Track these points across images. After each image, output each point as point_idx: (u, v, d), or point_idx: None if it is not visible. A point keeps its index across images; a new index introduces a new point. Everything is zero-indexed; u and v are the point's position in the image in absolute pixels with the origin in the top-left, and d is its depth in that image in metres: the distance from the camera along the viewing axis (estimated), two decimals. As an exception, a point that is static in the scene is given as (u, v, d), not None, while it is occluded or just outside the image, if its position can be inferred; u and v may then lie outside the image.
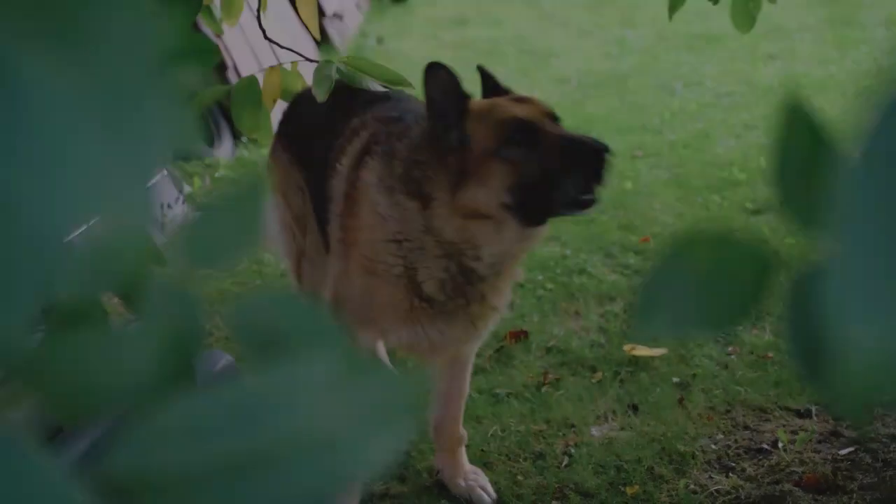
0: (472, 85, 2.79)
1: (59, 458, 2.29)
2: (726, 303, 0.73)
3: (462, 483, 3.17)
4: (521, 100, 2.71)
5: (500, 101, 2.70)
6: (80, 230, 0.50)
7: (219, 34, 2.91)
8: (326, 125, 3.13)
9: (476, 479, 3.18)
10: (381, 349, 3.18)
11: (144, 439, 0.49)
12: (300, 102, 3.31)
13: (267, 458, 0.50)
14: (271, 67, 2.66)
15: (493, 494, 3.15)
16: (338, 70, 2.45)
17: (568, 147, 2.52)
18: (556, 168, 2.51)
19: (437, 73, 2.62)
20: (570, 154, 2.51)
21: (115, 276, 0.60)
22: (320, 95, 2.44)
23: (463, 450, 3.22)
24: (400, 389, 0.56)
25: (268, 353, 0.62)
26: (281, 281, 4.72)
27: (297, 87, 2.74)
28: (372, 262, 2.75)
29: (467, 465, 3.22)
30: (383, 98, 3.07)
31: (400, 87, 2.60)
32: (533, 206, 2.55)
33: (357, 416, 0.54)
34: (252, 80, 2.52)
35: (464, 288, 2.72)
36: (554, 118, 2.66)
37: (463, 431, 3.22)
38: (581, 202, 2.54)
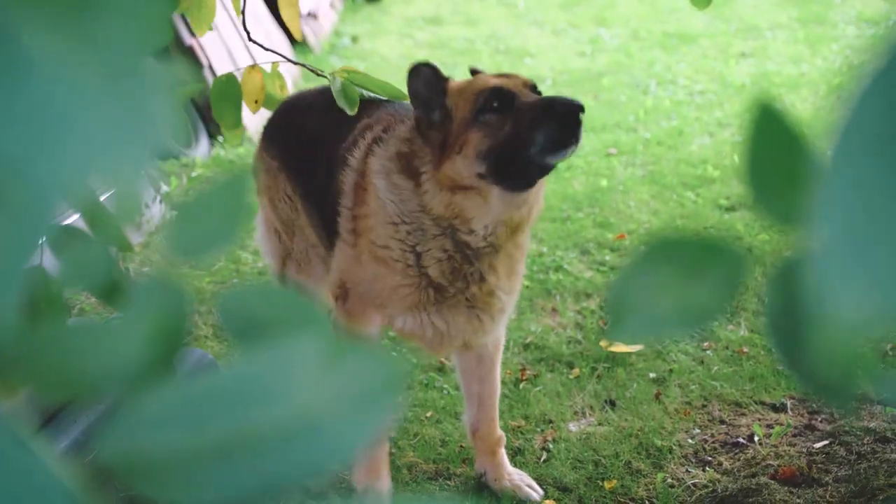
0: (448, 83, 2.83)
1: (53, 444, 2.29)
2: (699, 301, 0.73)
3: (507, 483, 3.17)
4: (502, 75, 2.78)
5: (480, 76, 2.81)
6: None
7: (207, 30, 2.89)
8: (329, 133, 3.16)
9: (521, 478, 3.19)
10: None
11: (133, 424, 0.49)
12: (292, 111, 3.34)
13: (254, 441, 0.50)
14: (250, 67, 2.65)
15: (541, 491, 3.16)
16: (344, 83, 2.50)
17: (540, 106, 2.57)
18: (529, 125, 2.55)
19: (420, 71, 2.71)
20: (542, 112, 2.56)
21: (92, 268, 0.61)
22: (349, 109, 2.52)
23: (503, 451, 3.23)
24: (385, 369, 0.57)
25: (255, 341, 0.63)
26: (259, 279, 4.72)
27: (278, 90, 2.73)
28: (378, 248, 2.81)
29: (509, 466, 3.23)
30: (387, 103, 3.11)
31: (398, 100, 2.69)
32: (509, 168, 2.60)
33: (342, 397, 0.55)
34: (230, 77, 2.52)
35: (462, 268, 2.76)
36: (534, 89, 2.71)
37: (500, 432, 3.23)
38: (557, 146, 2.56)
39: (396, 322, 2.91)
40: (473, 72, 3.02)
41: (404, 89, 2.69)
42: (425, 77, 2.71)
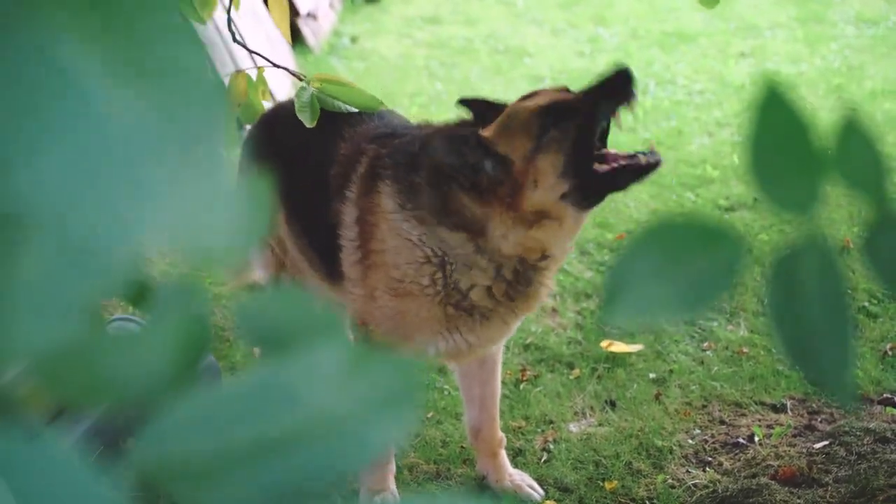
0: (447, 83, 2.82)
1: (64, 438, 2.30)
2: (695, 286, 0.73)
3: (509, 484, 3.18)
4: (529, 96, 2.72)
5: (511, 108, 2.68)
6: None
7: (202, 23, 2.89)
8: (311, 146, 3.07)
9: (522, 478, 3.20)
10: None
11: (167, 432, 0.51)
12: (274, 123, 3.24)
13: (283, 444, 0.52)
14: (238, 71, 2.66)
15: (542, 492, 3.17)
16: (314, 97, 2.45)
17: (592, 95, 2.57)
18: (591, 118, 2.56)
19: (434, 147, 2.61)
20: (597, 99, 2.56)
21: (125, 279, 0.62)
22: (308, 121, 2.44)
23: (504, 452, 3.24)
24: (403, 375, 0.59)
25: (275, 347, 0.64)
26: (273, 285, 4.72)
27: (259, 99, 2.71)
28: (402, 284, 2.73)
29: (510, 467, 3.24)
30: (363, 114, 3.04)
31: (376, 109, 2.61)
32: (588, 178, 2.58)
33: (363, 402, 0.57)
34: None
35: (515, 288, 2.72)
36: (568, 91, 2.69)
37: (501, 434, 3.23)
38: (617, 105, 2.59)
39: (430, 349, 2.85)
40: (468, 103, 2.90)
41: (402, 88, 2.66)
42: (444, 150, 2.59)
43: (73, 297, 0.46)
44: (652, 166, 2.63)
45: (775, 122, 0.69)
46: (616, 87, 2.58)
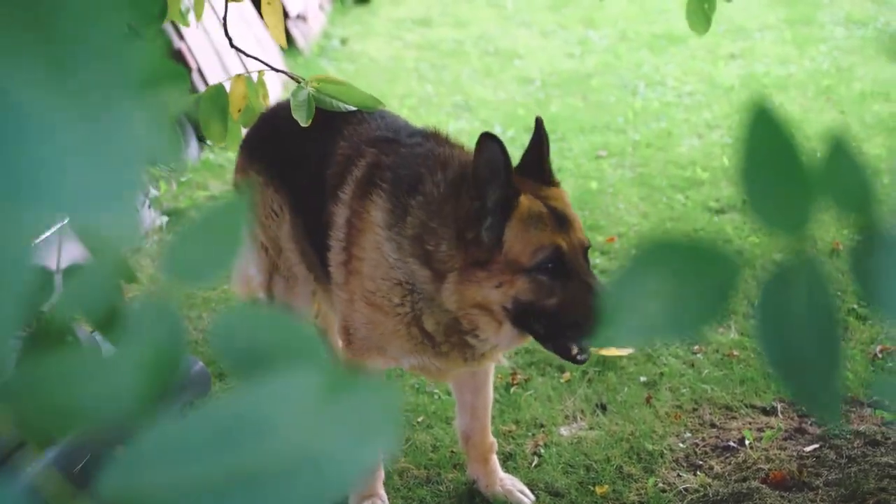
0: (437, 85, 2.81)
1: (28, 467, 2.28)
2: (693, 305, 0.73)
3: (499, 489, 3.17)
4: (564, 220, 2.65)
5: (545, 214, 2.62)
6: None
7: (186, 25, 2.87)
8: (311, 146, 3.08)
9: (513, 483, 3.19)
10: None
11: (132, 461, 0.49)
12: (274, 123, 3.23)
13: (253, 477, 0.50)
14: (238, 76, 2.65)
15: (532, 497, 3.17)
16: (311, 98, 2.44)
17: (586, 296, 2.55)
18: (571, 310, 2.56)
19: (488, 147, 2.54)
20: (585, 303, 2.54)
21: (92, 296, 0.60)
22: (303, 121, 2.43)
23: (495, 457, 3.23)
24: (381, 403, 0.57)
25: (250, 369, 0.63)
26: (250, 301, 4.70)
27: (259, 102, 2.70)
28: (374, 296, 2.77)
29: (501, 472, 3.23)
30: (365, 113, 3.04)
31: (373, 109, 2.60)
32: (533, 325, 2.62)
33: (339, 431, 0.55)
34: (219, 88, 2.51)
35: (454, 339, 2.76)
36: (586, 251, 2.67)
37: (492, 439, 3.23)
38: (572, 357, 2.68)
39: (402, 362, 2.92)
40: (537, 123, 2.81)
41: (392, 90, 2.65)
42: (492, 160, 2.54)
43: None
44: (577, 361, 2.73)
45: (765, 143, 0.69)
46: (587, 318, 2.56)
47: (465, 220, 2.58)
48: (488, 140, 2.52)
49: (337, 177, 2.94)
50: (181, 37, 6.40)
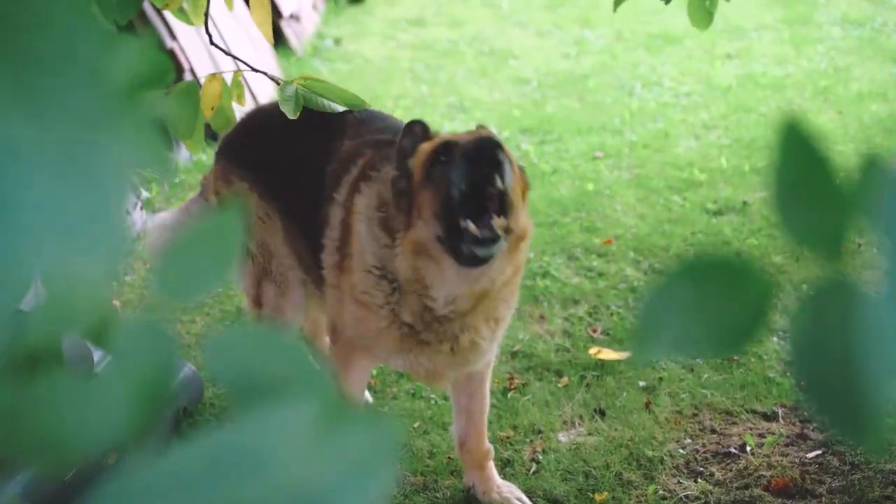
0: (432, 85, 2.81)
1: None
2: (729, 325, 0.71)
3: (496, 496, 3.12)
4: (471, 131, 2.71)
5: (446, 133, 2.73)
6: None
7: (190, 24, 2.84)
8: (303, 149, 3.05)
9: (511, 490, 3.14)
10: (363, 385, 3.20)
11: (123, 495, 0.45)
12: (257, 127, 3.21)
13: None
14: (212, 75, 2.63)
15: None
16: (299, 93, 2.42)
17: (465, 153, 2.51)
18: (459, 182, 2.50)
19: (412, 128, 2.68)
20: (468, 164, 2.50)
21: (80, 318, 0.55)
22: (291, 114, 2.41)
23: (492, 464, 3.18)
24: (379, 436, 0.53)
25: (248, 394, 0.58)
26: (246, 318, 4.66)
27: (230, 105, 2.66)
28: (359, 293, 2.77)
29: (498, 479, 3.17)
30: (366, 114, 3.03)
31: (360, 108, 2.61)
32: (461, 247, 2.53)
33: (336, 466, 0.51)
34: (192, 85, 2.46)
35: (434, 325, 2.73)
36: (492, 141, 2.58)
37: (489, 445, 3.18)
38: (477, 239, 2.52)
39: (390, 362, 2.92)
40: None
41: (386, 90, 2.65)
42: (414, 135, 2.67)
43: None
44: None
45: (798, 164, 0.65)
46: (475, 159, 2.50)
47: (394, 182, 2.67)
48: (414, 123, 2.70)
49: (335, 178, 2.92)
50: (173, 36, 6.34)
